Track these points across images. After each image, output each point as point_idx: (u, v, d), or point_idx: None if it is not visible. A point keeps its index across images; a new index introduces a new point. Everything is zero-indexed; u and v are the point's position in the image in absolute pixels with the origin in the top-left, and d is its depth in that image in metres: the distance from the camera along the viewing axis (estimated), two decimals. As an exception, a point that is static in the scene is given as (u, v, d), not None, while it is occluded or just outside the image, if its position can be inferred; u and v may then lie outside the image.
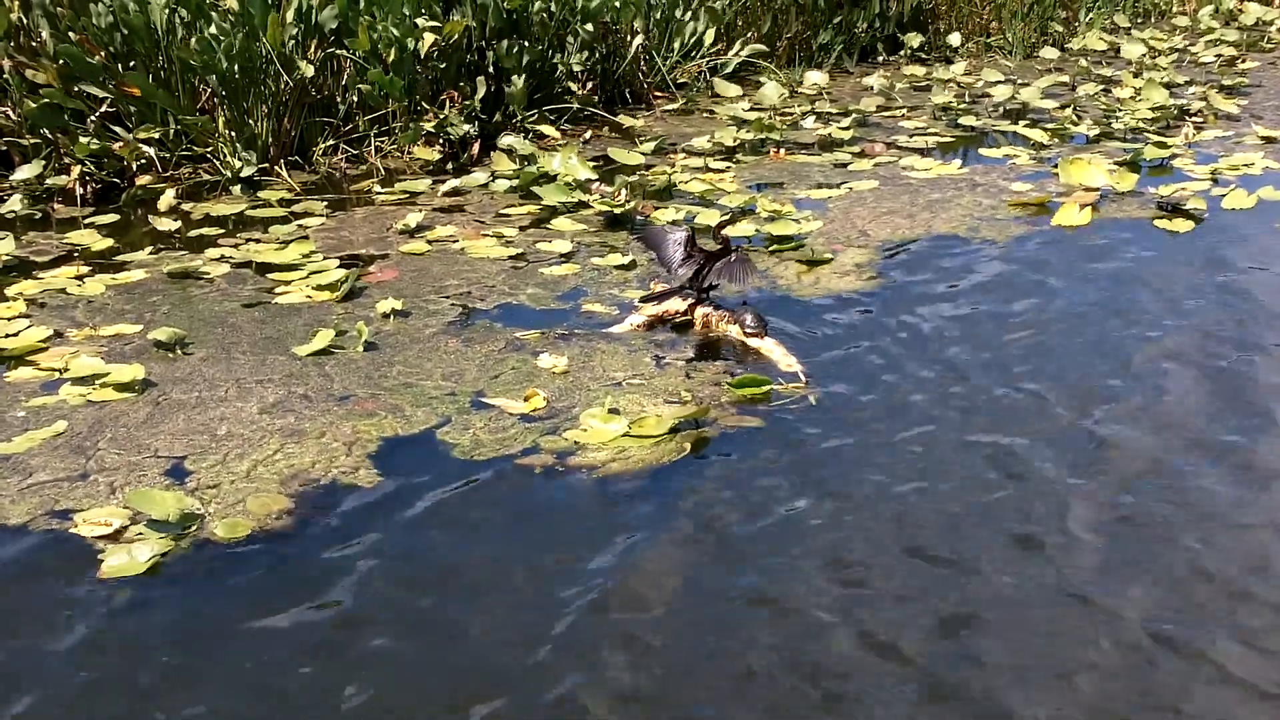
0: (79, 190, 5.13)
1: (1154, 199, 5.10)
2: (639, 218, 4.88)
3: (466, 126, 5.73)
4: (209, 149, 5.39)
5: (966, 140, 6.26)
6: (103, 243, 4.69)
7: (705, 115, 6.70)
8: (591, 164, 5.41)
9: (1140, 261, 4.46)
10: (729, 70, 7.27)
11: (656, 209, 4.98)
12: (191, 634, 2.50)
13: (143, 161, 5.29)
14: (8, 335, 3.82)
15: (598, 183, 5.21)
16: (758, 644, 2.46)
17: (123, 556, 2.70)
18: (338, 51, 5.60)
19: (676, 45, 7.05)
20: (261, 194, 5.25)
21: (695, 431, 3.22)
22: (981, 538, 2.79)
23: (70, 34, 5.16)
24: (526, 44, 6.01)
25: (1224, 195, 5.10)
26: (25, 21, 5.16)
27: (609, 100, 6.67)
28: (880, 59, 8.10)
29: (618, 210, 4.87)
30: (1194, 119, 6.45)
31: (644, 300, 3.91)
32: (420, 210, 5.00)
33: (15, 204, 4.99)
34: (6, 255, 4.48)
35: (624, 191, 5.00)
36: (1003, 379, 3.54)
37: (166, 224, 4.86)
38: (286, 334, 3.85)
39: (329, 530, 2.82)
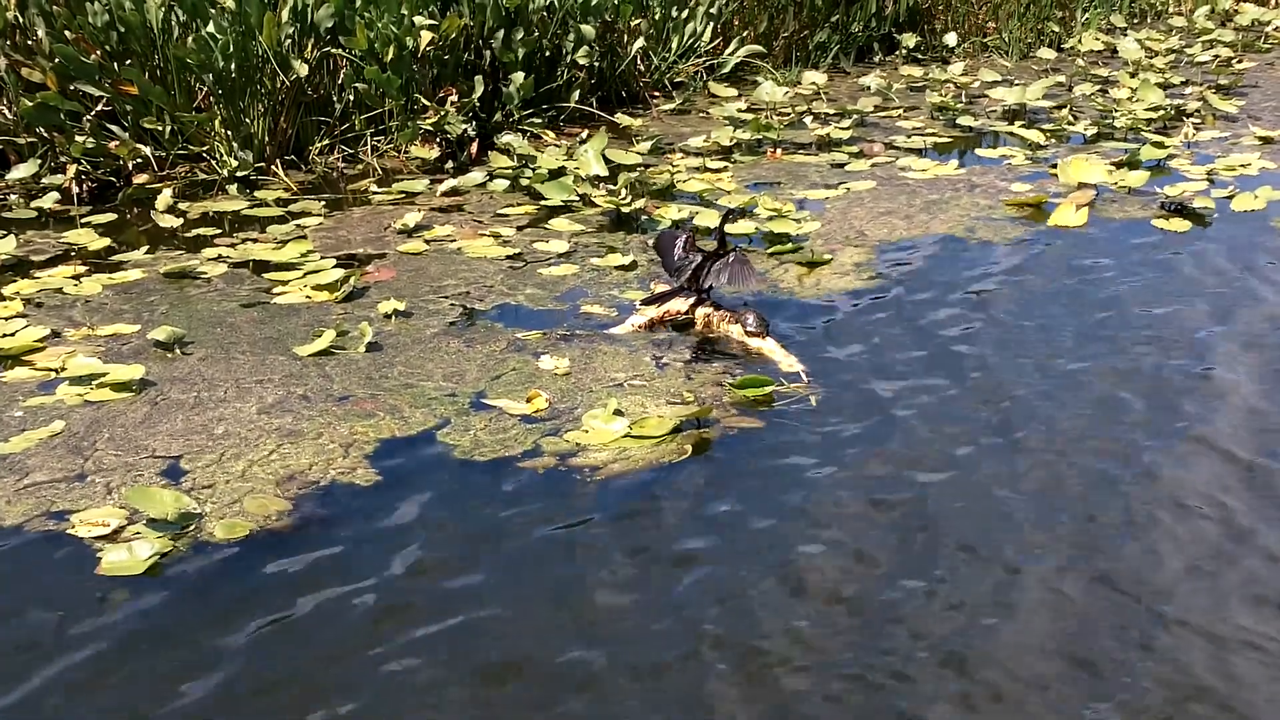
0: (75, 189, 5.11)
1: (1154, 199, 5.10)
2: (643, 217, 4.87)
3: (464, 125, 5.71)
4: (205, 148, 5.37)
5: (964, 141, 6.25)
6: (100, 242, 4.67)
7: (702, 115, 6.69)
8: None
9: (1140, 261, 4.45)
10: (726, 70, 7.26)
11: (657, 209, 4.97)
12: (189, 633, 2.49)
13: (139, 160, 5.27)
14: (5, 335, 3.80)
15: (603, 180, 5.22)
16: (761, 641, 2.45)
17: (122, 553, 2.69)
18: (334, 50, 5.59)
19: (674, 44, 7.04)
20: (258, 193, 5.23)
21: (697, 432, 3.21)
22: (983, 536, 2.79)
23: (66, 32, 5.13)
24: (524, 40, 5.99)
25: (1225, 196, 5.10)
26: (21, 20, 5.13)
27: (605, 99, 6.66)
28: (877, 59, 8.10)
29: (625, 209, 4.86)
30: (1192, 119, 6.45)
31: (645, 301, 3.90)
32: (418, 210, 4.98)
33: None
34: (4, 255, 4.46)
35: (625, 190, 4.99)
36: (1003, 377, 3.53)
37: (169, 220, 4.84)
38: (286, 334, 3.84)
39: (326, 531, 2.81)
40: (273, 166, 5.44)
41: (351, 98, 5.68)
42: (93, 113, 5.20)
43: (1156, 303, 4.07)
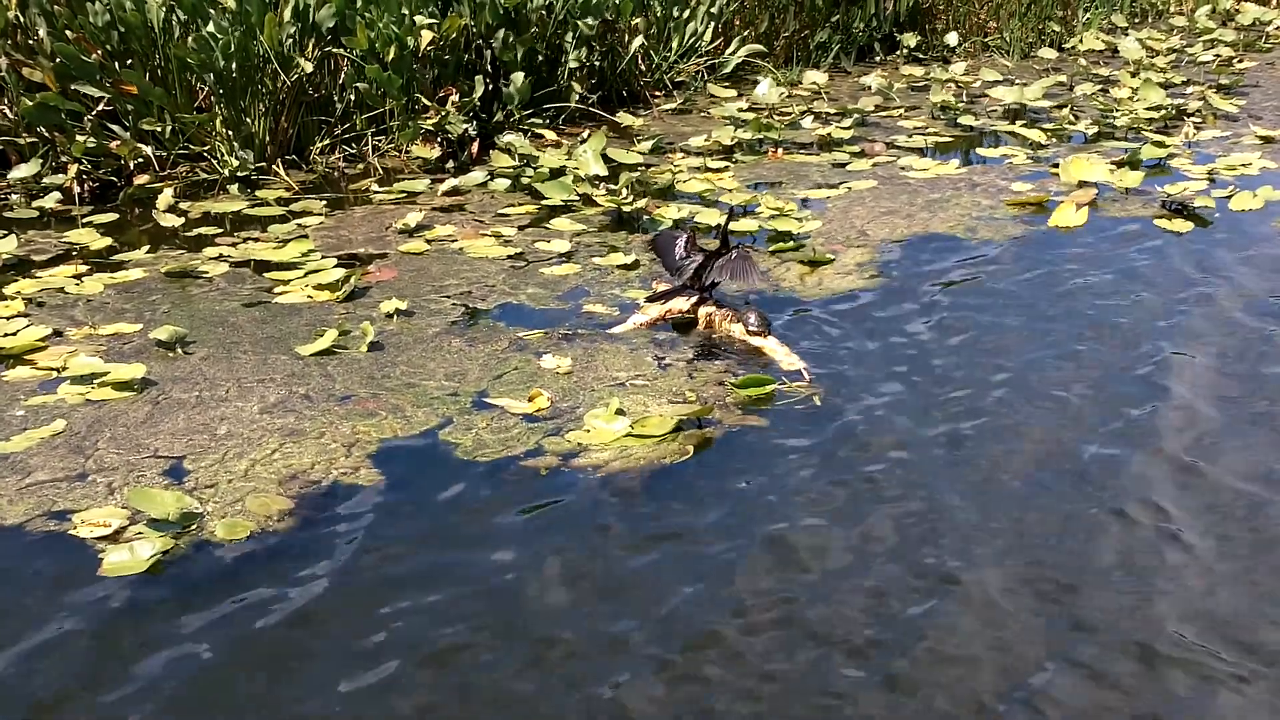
0: (76, 189, 5.11)
1: (1155, 198, 5.10)
2: (644, 217, 4.87)
3: (465, 125, 5.71)
4: (206, 147, 5.37)
5: (965, 140, 6.26)
6: (101, 241, 4.67)
7: (703, 115, 6.69)
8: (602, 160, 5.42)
9: (1139, 261, 4.45)
10: (727, 70, 7.26)
11: (658, 208, 4.97)
12: (191, 634, 2.49)
13: (140, 160, 5.27)
14: (6, 334, 3.80)
15: (603, 179, 5.22)
16: (763, 639, 2.45)
17: (124, 554, 2.68)
18: (335, 50, 5.59)
19: (675, 44, 7.04)
20: (259, 193, 5.23)
21: (699, 431, 3.21)
22: (982, 536, 2.78)
23: (67, 32, 5.13)
24: (524, 40, 5.99)
25: (1226, 195, 5.10)
26: (22, 20, 5.13)
27: (606, 99, 6.66)
28: (878, 59, 8.10)
29: (626, 208, 4.86)
30: (1193, 118, 6.45)
31: (649, 300, 3.91)
32: (420, 209, 4.98)
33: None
34: (6, 254, 4.46)
35: (626, 189, 4.99)
36: (1004, 377, 3.53)
37: (170, 220, 4.84)
38: (288, 333, 3.84)
39: (328, 531, 2.81)
40: (274, 166, 5.44)
41: (352, 97, 5.69)
42: (94, 113, 5.20)
43: (1157, 302, 4.07)
